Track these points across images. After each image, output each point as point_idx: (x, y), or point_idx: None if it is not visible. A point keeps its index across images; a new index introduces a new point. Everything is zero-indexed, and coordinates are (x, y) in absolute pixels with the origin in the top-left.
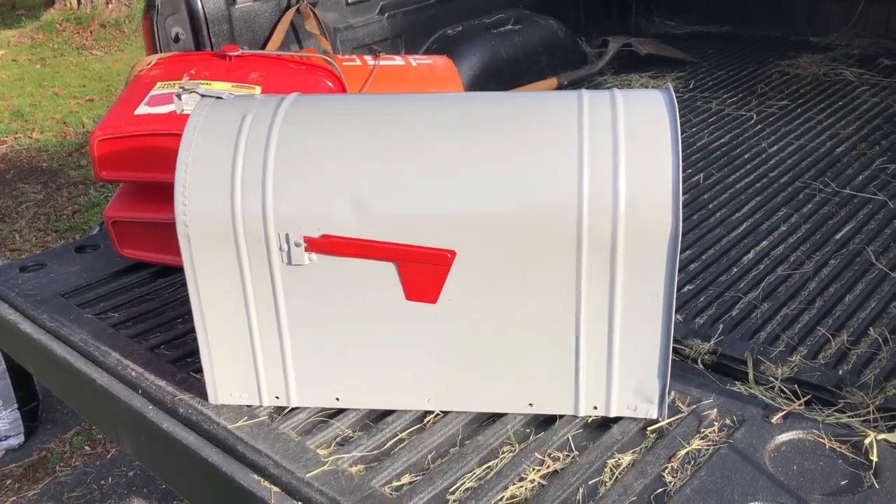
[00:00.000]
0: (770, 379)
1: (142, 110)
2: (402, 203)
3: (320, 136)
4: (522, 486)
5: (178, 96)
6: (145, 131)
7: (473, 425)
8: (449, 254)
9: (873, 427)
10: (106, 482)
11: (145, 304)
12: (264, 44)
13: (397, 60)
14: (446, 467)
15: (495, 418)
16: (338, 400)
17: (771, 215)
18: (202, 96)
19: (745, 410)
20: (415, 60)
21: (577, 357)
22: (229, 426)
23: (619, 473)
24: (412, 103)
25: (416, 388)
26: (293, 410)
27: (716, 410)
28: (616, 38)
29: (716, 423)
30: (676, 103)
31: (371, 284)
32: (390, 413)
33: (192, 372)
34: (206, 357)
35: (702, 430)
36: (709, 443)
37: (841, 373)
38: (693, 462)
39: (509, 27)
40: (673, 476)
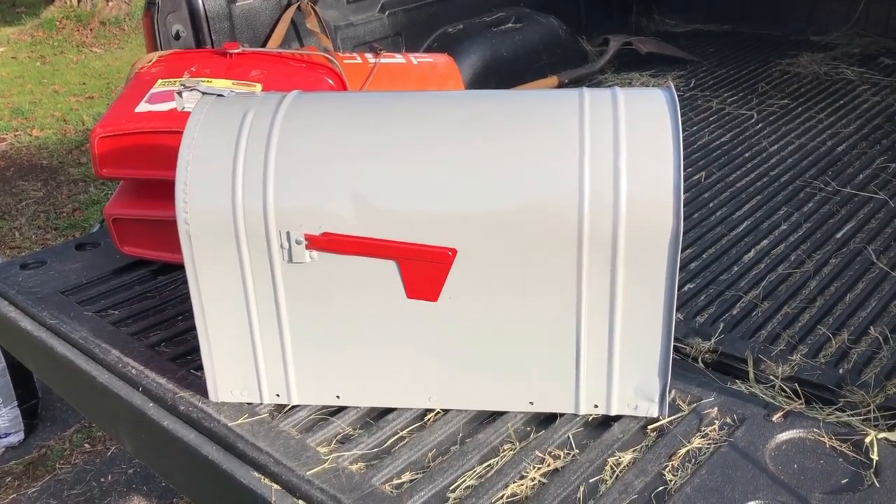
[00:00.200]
0: (770, 378)
1: (142, 108)
2: (403, 201)
3: (321, 133)
4: (523, 485)
5: (179, 94)
6: (146, 129)
7: (474, 423)
8: (450, 252)
9: (874, 426)
10: (106, 480)
11: (146, 302)
12: (265, 41)
13: (398, 58)
14: (447, 465)
15: (496, 416)
16: (338, 398)
17: (771, 214)
18: (203, 94)
19: (745, 409)
20: (416, 58)
21: (578, 355)
22: (230, 424)
23: (620, 472)
24: (413, 101)
25: (416, 387)
26: (294, 408)
27: (716, 409)
28: (617, 36)
29: (716, 422)
30: (678, 102)
31: (372, 282)
32: (391, 411)
33: (192, 369)
34: (207, 354)
35: (702, 428)
36: (709, 441)
37: (841, 371)
38: (694, 460)
39: (510, 25)
40: (673, 474)
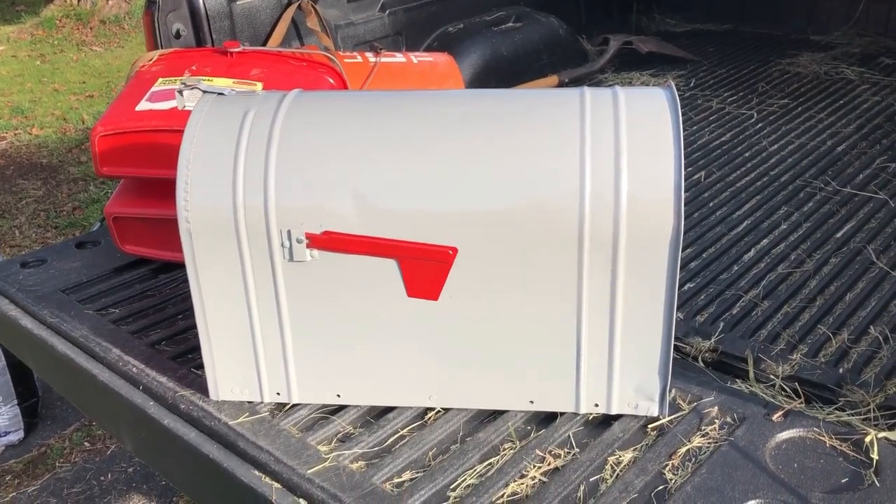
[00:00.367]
0: (771, 377)
1: (143, 106)
2: (404, 200)
3: (322, 132)
4: (523, 483)
5: (180, 92)
6: (147, 127)
7: (474, 422)
8: (451, 251)
9: (874, 425)
10: (105, 478)
11: (146, 301)
12: (265, 40)
13: (398, 57)
14: (447, 464)
15: (496, 415)
16: (339, 396)
17: (771, 213)
18: (204, 92)
19: (745, 408)
20: (416, 57)
21: (578, 354)
22: (230, 422)
23: (620, 471)
24: (413, 100)
25: (417, 385)
26: (294, 407)
27: (716, 408)
28: (617, 36)
29: (716, 421)
30: (678, 101)
31: (372, 281)
32: (391, 410)
33: (193, 368)
34: (208, 353)
35: (702, 427)
36: (709, 440)
37: (841, 371)
38: (694, 459)
39: (510, 25)
40: (674, 473)
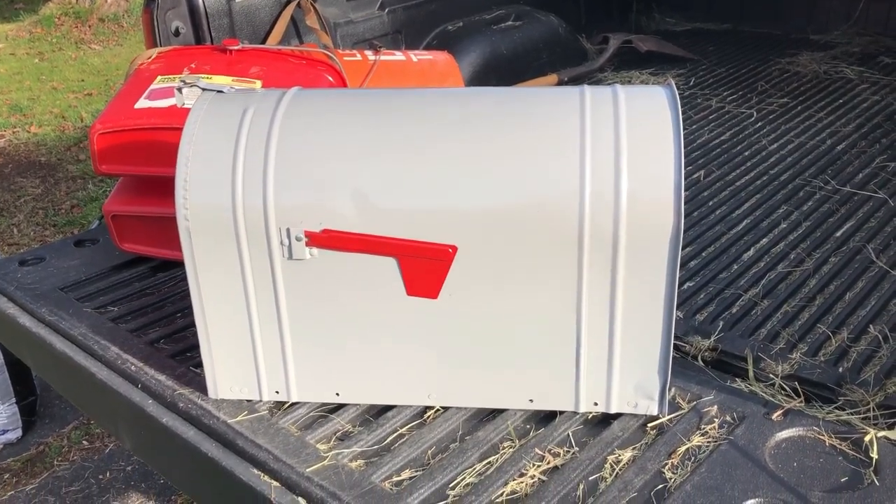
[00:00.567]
0: (770, 376)
1: (142, 104)
2: (404, 198)
3: (321, 130)
4: (523, 482)
5: (179, 90)
6: (146, 125)
7: (474, 421)
8: (450, 249)
9: (873, 424)
10: (104, 477)
11: (145, 299)
12: (265, 38)
13: (398, 56)
14: (446, 463)
15: (495, 414)
16: (338, 395)
17: (771, 213)
18: (203, 90)
19: (745, 407)
20: (415, 56)
21: (578, 353)
22: (229, 421)
23: (620, 469)
24: (413, 99)
25: (416, 384)
26: (293, 405)
27: (716, 407)
28: (616, 34)
29: (716, 420)
30: (679, 100)
31: (372, 279)
32: (390, 408)
33: (191, 366)
34: (206, 351)
35: (702, 426)
36: (709, 439)
37: (841, 370)
38: (693, 458)
39: (510, 23)
40: (673, 472)
